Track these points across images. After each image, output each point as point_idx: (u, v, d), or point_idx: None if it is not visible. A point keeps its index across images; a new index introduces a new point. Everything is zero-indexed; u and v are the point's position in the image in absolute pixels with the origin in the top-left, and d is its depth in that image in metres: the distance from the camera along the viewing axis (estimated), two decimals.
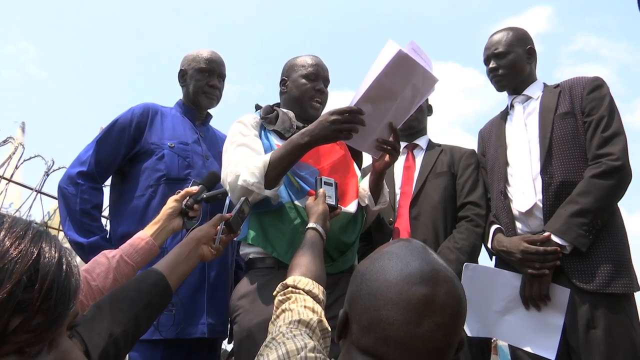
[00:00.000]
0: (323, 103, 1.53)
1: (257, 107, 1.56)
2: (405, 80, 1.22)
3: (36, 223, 0.50)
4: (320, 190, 1.28)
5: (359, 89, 1.23)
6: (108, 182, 1.66)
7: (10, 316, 0.42)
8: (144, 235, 1.11)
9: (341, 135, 1.23)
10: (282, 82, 1.58)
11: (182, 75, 1.71)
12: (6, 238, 0.45)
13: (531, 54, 1.63)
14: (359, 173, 1.57)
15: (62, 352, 0.47)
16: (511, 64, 1.60)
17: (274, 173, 1.27)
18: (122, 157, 1.54)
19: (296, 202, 1.35)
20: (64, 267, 0.47)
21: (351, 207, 1.40)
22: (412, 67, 1.20)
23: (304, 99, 1.50)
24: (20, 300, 0.42)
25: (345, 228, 1.39)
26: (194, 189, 1.25)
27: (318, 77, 1.51)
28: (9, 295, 0.42)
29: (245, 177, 1.26)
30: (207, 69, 1.66)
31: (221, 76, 1.71)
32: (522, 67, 1.62)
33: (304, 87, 1.50)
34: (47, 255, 0.46)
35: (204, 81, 1.66)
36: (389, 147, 1.32)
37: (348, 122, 1.21)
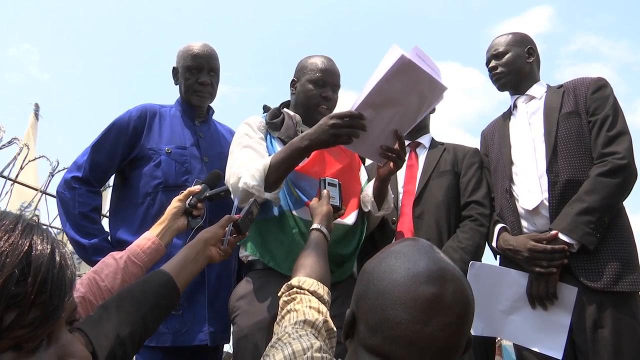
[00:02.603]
0: (330, 109, 1.51)
1: (265, 109, 1.56)
2: (409, 88, 1.18)
3: (28, 217, 0.49)
4: (324, 191, 1.28)
5: (361, 93, 1.21)
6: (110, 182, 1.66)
7: (4, 311, 0.41)
8: (150, 235, 1.12)
9: (340, 139, 1.21)
10: (292, 83, 1.57)
11: (175, 74, 1.65)
12: None
13: (531, 54, 1.64)
14: (364, 180, 1.56)
15: (61, 345, 0.46)
16: (510, 62, 1.63)
17: (274, 176, 1.27)
18: (120, 161, 1.51)
19: (294, 212, 1.35)
20: (58, 259, 0.46)
21: (349, 220, 1.40)
22: (416, 74, 1.15)
23: (310, 106, 1.48)
24: (13, 294, 0.41)
25: (342, 239, 1.38)
26: (197, 188, 1.25)
27: (326, 83, 1.48)
28: (1, 289, 0.41)
29: (245, 180, 1.27)
30: (195, 66, 1.58)
31: (212, 70, 1.61)
32: (521, 65, 1.63)
33: (310, 93, 1.48)
34: (39, 248, 0.44)
35: (193, 79, 1.58)
36: (393, 155, 1.30)
37: (348, 126, 1.19)
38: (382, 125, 1.25)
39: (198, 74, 1.59)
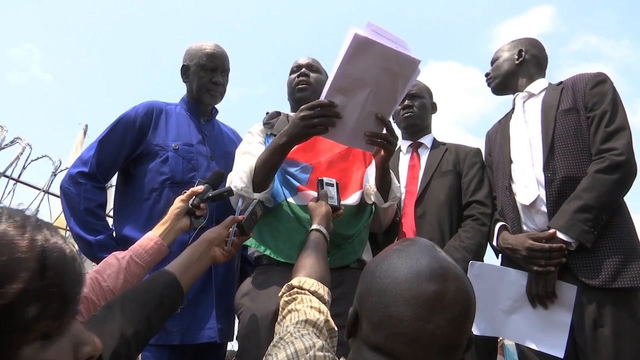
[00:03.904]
0: (309, 83, 1.58)
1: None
2: (374, 66, 1.13)
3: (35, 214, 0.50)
4: (322, 192, 1.29)
5: (328, 81, 1.18)
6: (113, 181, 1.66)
7: (28, 305, 0.42)
8: (153, 235, 1.12)
9: (313, 130, 1.20)
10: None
11: (185, 71, 1.66)
12: (9, 228, 0.44)
13: (520, 55, 1.68)
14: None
15: (74, 335, 0.48)
16: (497, 66, 1.74)
17: (260, 176, 1.29)
18: (125, 157, 1.51)
19: (289, 200, 1.37)
20: (68, 250, 0.47)
21: (350, 200, 1.40)
22: (377, 50, 1.11)
23: (291, 88, 1.61)
24: (35, 288, 0.43)
25: (347, 221, 1.38)
26: (200, 188, 1.25)
27: (299, 67, 1.63)
28: (25, 284, 0.42)
29: (235, 183, 1.30)
30: (210, 66, 1.61)
31: (224, 71, 1.66)
32: (507, 67, 1.70)
33: (290, 79, 1.63)
34: (52, 241, 0.46)
35: (206, 78, 1.61)
36: (381, 141, 1.26)
37: (319, 116, 1.19)
38: (357, 110, 1.21)
39: (212, 73, 1.62)
